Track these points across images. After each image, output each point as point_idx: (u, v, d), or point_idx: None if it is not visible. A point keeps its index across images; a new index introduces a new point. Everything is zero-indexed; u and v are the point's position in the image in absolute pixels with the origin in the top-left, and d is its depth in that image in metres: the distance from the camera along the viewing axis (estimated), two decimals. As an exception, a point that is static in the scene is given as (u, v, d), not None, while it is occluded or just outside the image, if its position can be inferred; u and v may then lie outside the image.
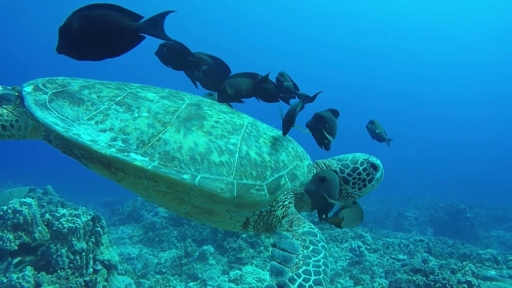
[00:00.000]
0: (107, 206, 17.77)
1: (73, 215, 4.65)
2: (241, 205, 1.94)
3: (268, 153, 2.11)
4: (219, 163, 1.92)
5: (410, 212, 17.64)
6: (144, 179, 1.85)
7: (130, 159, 1.80)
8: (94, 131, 1.89)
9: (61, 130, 1.85)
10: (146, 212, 12.33)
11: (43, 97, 2.01)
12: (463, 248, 9.76)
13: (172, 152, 1.88)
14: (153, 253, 9.14)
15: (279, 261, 1.83)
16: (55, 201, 8.31)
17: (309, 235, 2.00)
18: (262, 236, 8.02)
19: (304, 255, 1.87)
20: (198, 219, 2.17)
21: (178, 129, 1.98)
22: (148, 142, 1.89)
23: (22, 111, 2.11)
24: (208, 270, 7.16)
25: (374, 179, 2.46)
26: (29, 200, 4.92)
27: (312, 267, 1.79)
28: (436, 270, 5.31)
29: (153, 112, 2.04)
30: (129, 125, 1.94)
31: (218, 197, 1.86)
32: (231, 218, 2.05)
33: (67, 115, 1.94)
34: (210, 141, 1.98)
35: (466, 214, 14.51)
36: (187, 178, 1.82)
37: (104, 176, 2.06)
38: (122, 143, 1.87)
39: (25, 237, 4.68)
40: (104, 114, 1.98)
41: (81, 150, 1.92)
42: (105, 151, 1.80)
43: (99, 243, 4.80)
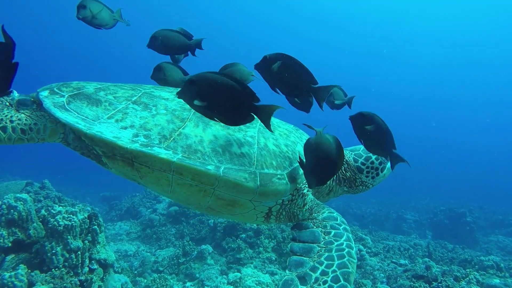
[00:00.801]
0: (105, 201, 17.64)
1: (69, 212, 4.51)
2: (264, 194, 1.95)
3: (285, 144, 2.17)
4: (240, 154, 1.96)
5: (409, 214, 17.56)
6: (169, 172, 1.88)
7: (155, 152, 1.83)
8: (116, 129, 1.93)
9: (84, 128, 1.88)
10: (144, 209, 12.22)
11: (61, 99, 2.05)
12: (463, 253, 9.66)
13: (194, 145, 1.91)
14: (151, 250, 9.02)
15: (299, 253, 1.84)
16: (52, 196, 8.19)
17: (330, 220, 2.03)
18: (261, 236, 7.91)
19: (326, 241, 1.88)
20: (220, 213, 2.18)
21: (197, 124, 2.02)
22: (170, 137, 1.93)
23: (40, 114, 2.16)
24: (206, 270, 7.05)
25: (386, 168, 2.53)
26: (25, 196, 4.79)
27: (335, 252, 1.79)
28: (439, 277, 5.20)
29: (170, 109, 2.08)
30: (149, 122, 1.98)
31: (243, 186, 1.89)
32: (254, 208, 2.07)
33: (87, 115, 1.98)
34: (229, 134, 2.03)
35: (466, 219, 14.42)
36: (212, 168, 1.85)
37: (124, 174, 2.08)
38: (145, 138, 1.90)
39: (19, 233, 4.55)
40: (123, 112, 2.02)
41: (104, 148, 1.94)
42: (129, 146, 1.83)
43: (95, 241, 4.67)
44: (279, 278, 6.48)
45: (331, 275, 1.69)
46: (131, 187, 19.73)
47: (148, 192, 13.84)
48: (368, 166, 2.52)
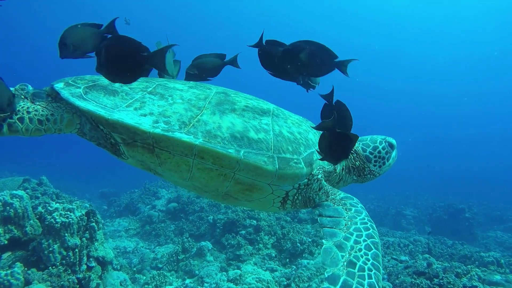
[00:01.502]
0: (103, 197, 17.58)
1: (67, 209, 4.45)
2: (282, 177, 2.03)
3: (298, 132, 2.26)
4: (258, 140, 2.03)
5: (408, 210, 17.56)
6: (190, 156, 1.92)
7: (178, 136, 1.88)
8: (136, 116, 1.96)
9: (105, 115, 1.91)
10: (143, 205, 12.15)
11: (78, 90, 2.09)
12: (463, 249, 9.65)
13: (213, 131, 1.96)
14: (150, 247, 8.98)
15: (329, 226, 1.97)
16: (50, 193, 8.11)
17: (347, 199, 2.19)
18: (261, 233, 7.87)
19: (350, 216, 2.04)
20: (236, 200, 2.24)
21: (214, 112, 2.07)
22: (189, 123, 1.97)
23: (56, 105, 2.18)
24: (206, 266, 7.00)
25: (392, 157, 2.67)
26: (21, 193, 4.71)
27: (361, 225, 1.96)
28: (440, 273, 5.16)
29: (186, 99, 2.13)
30: (167, 110, 2.02)
31: (262, 169, 1.95)
32: (272, 193, 2.14)
33: (106, 104, 2.01)
34: (245, 121, 2.09)
35: (465, 214, 14.43)
36: (233, 151, 1.91)
37: (142, 163, 2.11)
38: (165, 124, 1.93)
39: (15, 231, 4.48)
40: (141, 101, 2.07)
41: (124, 134, 1.96)
42: (152, 130, 1.86)
43: (93, 239, 4.61)
44: (279, 275, 6.45)
45: (363, 243, 1.85)
46: (130, 183, 19.71)
47: (147, 188, 13.78)
48: (375, 155, 2.62)
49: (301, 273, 6.20)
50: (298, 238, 7.68)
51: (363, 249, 1.82)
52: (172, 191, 12.92)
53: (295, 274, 6.12)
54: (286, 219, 8.76)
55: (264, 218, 8.28)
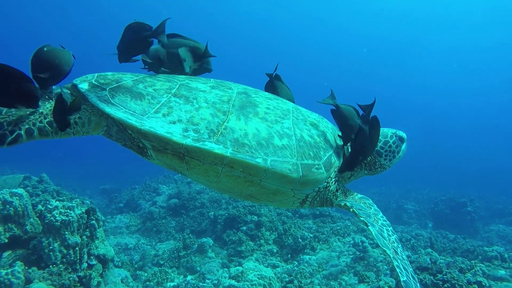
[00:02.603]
0: (104, 193, 17.55)
1: (66, 207, 4.41)
2: (305, 183, 2.12)
3: (317, 135, 2.32)
4: (282, 147, 2.08)
5: (409, 204, 17.52)
6: (220, 165, 1.97)
7: (209, 148, 1.90)
8: (166, 124, 1.96)
9: (137, 124, 1.91)
10: (144, 202, 12.13)
11: (104, 93, 2.06)
12: (465, 243, 9.62)
13: (241, 139, 2.00)
14: (151, 243, 8.96)
15: (364, 216, 2.19)
16: (50, 190, 8.07)
17: (365, 199, 2.41)
18: (262, 229, 7.84)
19: (373, 212, 2.28)
20: (258, 200, 2.35)
21: (239, 117, 2.10)
22: (217, 131, 2.00)
23: (83, 108, 2.13)
24: (207, 263, 6.99)
25: (401, 150, 2.74)
26: (20, 191, 4.67)
27: (383, 221, 2.24)
28: (443, 269, 5.12)
29: (211, 102, 2.14)
30: (195, 116, 2.03)
31: (288, 177, 2.03)
32: (293, 196, 2.25)
33: (134, 109, 2.00)
34: (268, 126, 2.13)
35: (466, 208, 14.38)
36: (261, 161, 1.97)
37: (169, 166, 2.15)
38: (195, 133, 1.96)
39: (15, 229, 4.45)
40: (168, 106, 2.06)
41: (155, 142, 1.97)
42: (184, 142, 1.89)
43: (94, 236, 4.58)
44: (281, 271, 6.43)
45: (393, 237, 2.18)
46: (131, 179, 19.70)
47: (148, 185, 13.75)
48: (386, 149, 2.70)
49: (303, 269, 6.17)
50: (299, 233, 7.65)
51: (396, 242, 2.15)
52: (173, 187, 12.89)
53: (297, 270, 6.10)
54: (287, 214, 8.73)
55: (265, 214, 8.25)
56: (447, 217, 14.57)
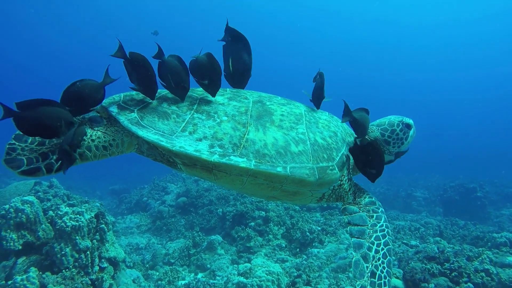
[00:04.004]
0: (114, 194, 17.79)
1: (76, 212, 4.51)
2: (322, 184, 2.30)
3: (329, 136, 2.45)
4: (298, 153, 2.24)
5: (418, 192, 17.46)
6: (245, 176, 2.16)
7: (235, 162, 2.08)
8: (193, 141, 2.13)
9: (168, 145, 2.07)
10: (153, 201, 12.29)
11: (133, 115, 2.20)
12: (475, 229, 9.58)
13: (261, 150, 2.17)
14: (161, 242, 9.11)
15: (357, 236, 2.33)
16: (61, 194, 8.21)
17: (371, 205, 2.50)
18: (270, 224, 7.92)
19: (372, 223, 2.38)
20: (280, 200, 2.55)
21: (257, 128, 2.26)
22: (240, 144, 2.17)
23: (115, 130, 2.29)
24: (217, 260, 7.09)
25: (409, 136, 2.84)
26: (31, 198, 4.79)
27: (379, 232, 2.32)
28: (451, 257, 5.13)
29: (230, 115, 2.29)
30: (218, 131, 2.19)
31: (306, 181, 2.20)
32: (311, 195, 2.44)
33: (163, 130, 2.16)
34: (285, 134, 2.29)
35: (476, 194, 14.26)
36: (281, 170, 2.14)
37: (197, 176, 2.31)
38: (220, 148, 2.13)
39: (28, 236, 4.58)
40: (192, 124, 2.22)
41: (186, 160, 2.14)
42: (212, 159, 2.06)
43: (104, 240, 4.69)
44: (290, 265, 6.50)
45: (381, 252, 2.24)
46: (140, 178, 19.93)
47: (156, 184, 13.92)
48: (393, 138, 2.81)
49: (311, 262, 6.24)
50: (307, 227, 7.71)
51: (381, 258, 2.22)
52: (181, 186, 13.03)
53: (306, 264, 6.16)
54: (295, 208, 8.79)
55: (273, 209, 8.32)
56: (457, 203, 14.48)
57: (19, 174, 1.92)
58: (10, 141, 2.03)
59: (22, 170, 1.91)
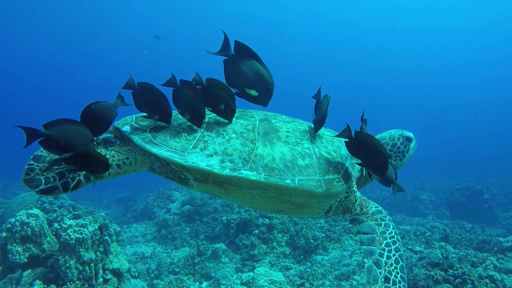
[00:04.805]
0: (120, 202, 17.90)
1: (80, 225, 4.58)
2: (329, 196, 2.35)
3: (333, 150, 2.53)
4: (305, 166, 2.32)
5: (425, 195, 17.31)
6: (255, 189, 2.24)
7: (245, 176, 2.16)
8: (204, 157, 2.21)
9: (181, 161, 2.17)
10: (158, 209, 12.36)
11: (146, 134, 2.31)
12: (482, 233, 9.49)
13: (270, 164, 2.26)
14: (167, 251, 9.15)
15: (367, 243, 2.38)
16: (66, 205, 8.31)
17: (378, 213, 2.56)
18: (274, 231, 7.92)
19: (381, 231, 2.43)
20: (288, 213, 2.61)
21: (265, 144, 2.35)
22: (249, 159, 2.25)
23: (128, 149, 2.39)
24: (221, 268, 7.11)
25: (410, 149, 2.91)
26: (36, 211, 4.87)
27: (389, 239, 2.37)
28: (455, 263, 5.10)
29: (238, 132, 2.39)
30: (227, 147, 2.29)
31: (314, 193, 2.27)
32: (319, 207, 2.49)
33: (175, 147, 2.25)
34: (291, 149, 2.38)
35: (483, 196, 14.11)
36: (290, 182, 2.22)
37: (209, 191, 2.41)
38: (230, 163, 2.21)
39: (34, 249, 4.65)
40: (203, 141, 2.31)
41: (198, 175, 2.23)
42: (223, 173, 2.15)
43: (107, 251, 4.74)
44: (294, 273, 6.50)
45: (393, 258, 2.27)
46: (145, 186, 20.02)
47: (161, 192, 14.00)
48: (395, 151, 2.87)
49: (315, 270, 6.23)
50: (311, 234, 7.70)
51: (394, 263, 2.26)
52: (186, 193, 13.09)
53: (310, 272, 6.16)
54: (299, 215, 8.77)
55: (277, 216, 8.33)
56: (464, 206, 14.33)
57: (38, 193, 2.01)
58: (29, 162, 2.12)
59: (41, 189, 2.00)
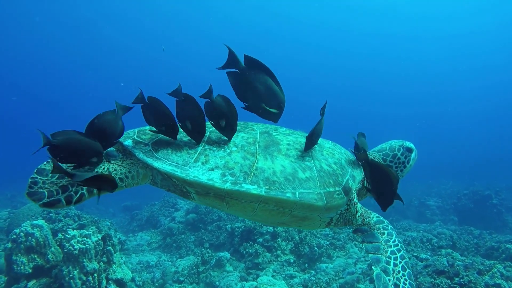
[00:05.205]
0: (126, 210, 17.98)
1: (83, 235, 4.62)
2: (329, 209, 2.37)
3: (334, 163, 2.54)
4: (306, 179, 2.33)
5: (432, 200, 17.12)
6: (256, 202, 2.25)
7: (246, 189, 2.17)
8: (205, 171, 2.22)
9: (183, 175, 2.17)
10: (163, 218, 12.39)
11: (147, 148, 2.33)
12: (491, 239, 9.35)
13: (271, 177, 2.26)
14: (172, 259, 9.15)
15: (373, 252, 2.40)
16: (72, 214, 8.39)
17: (380, 223, 2.58)
18: (278, 239, 7.89)
19: (385, 240, 2.46)
20: (289, 226, 2.63)
21: (265, 157, 2.36)
22: (250, 173, 2.26)
23: (130, 163, 2.39)
24: (226, 277, 7.09)
25: (411, 159, 2.93)
26: (40, 222, 4.92)
27: (394, 247, 2.41)
28: (461, 271, 5.03)
29: (239, 146, 2.40)
30: (229, 161, 2.30)
31: (314, 206, 2.28)
32: (320, 220, 2.50)
33: (177, 161, 2.26)
34: (292, 162, 2.38)
35: (492, 201, 13.90)
36: (290, 196, 2.23)
37: (210, 205, 2.42)
38: (231, 176, 2.22)
39: (38, 259, 4.69)
40: (204, 155, 2.32)
41: (199, 189, 2.24)
42: (224, 187, 2.16)
43: (111, 262, 4.77)
44: (298, 282, 6.46)
45: (400, 265, 2.31)
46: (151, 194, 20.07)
47: (166, 200, 14.04)
48: (396, 162, 2.90)
49: (319, 278, 6.19)
50: (315, 242, 7.65)
51: (401, 271, 2.29)
52: (190, 202, 13.09)
53: (314, 280, 6.12)
54: (303, 222, 8.73)
55: (281, 224, 8.29)
56: (472, 211, 14.12)
57: (41, 206, 2.01)
58: (32, 175, 2.12)
59: (44, 203, 2.00)
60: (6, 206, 14.17)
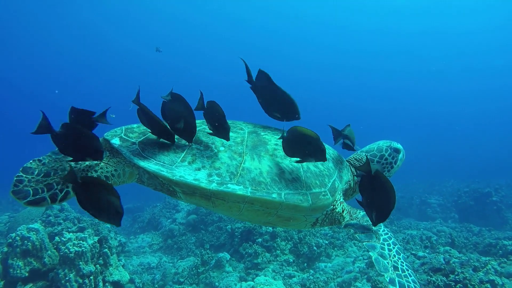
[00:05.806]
0: (129, 213, 17.99)
1: (79, 238, 4.65)
2: (315, 209, 2.38)
3: (321, 163, 2.54)
4: (292, 179, 2.33)
5: (433, 198, 17.09)
6: (242, 203, 2.25)
7: (232, 190, 2.17)
8: (192, 171, 2.22)
9: (169, 175, 2.16)
10: (164, 219, 12.43)
11: (135, 147, 2.31)
12: (490, 236, 9.33)
13: (257, 178, 2.27)
14: (172, 261, 9.19)
15: (365, 240, 2.43)
16: (71, 217, 8.43)
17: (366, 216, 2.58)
18: (277, 239, 7.91)
19: (374, 229, 2.49)
20: (275, 225, 2.64)
21: (252, 157, 2.36)
22: (237, 173, 2.26)
23: (116, 161, 2.37)
24: (225, 278, 7.12)
25: (399, 160, 2.97)
26: (37, 226, 4.96)
27: (384, 235, 2.46)
28: (457, 268, 5.03)
29: (227, 145, 2.40)
30: (215, 161, 2.30)
31: (300, 207, 2.29)
32: (305, 220, 2.51)
33: (164, 161, 2.25)
34: (279, 162, 2.39)
35: (492, 198, 13.86)
36: (276, 196, 2.23)
37: (197, 204, 2.43)
38: (217, 177, 2.22)
39: (35, 263, 4.73)
40: (192, 154, 2.32)
41: (185, 188, 2.24)
42: (210, 187, 2.15)
43: (107, 264, 4.79)
44: (296, 281, 6.47)
45: (394, 250, 2.38)
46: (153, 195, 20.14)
47: (168, 202, 14.07)
48: (383, 163, 2.94)
49: (318, 277, 6.20)
50: (314, 241, 7.67)
51: (396, 255, 2.37)
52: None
53: (312, 280, 6.13)
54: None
55: (279, 224, 8.31)
56: (472, 209, 14.09)
57: (25, 204, 2.01)
58: (18, 174, 2.12)
59: (28, 201, 2.00)
60: (7, 210, 14.26)
